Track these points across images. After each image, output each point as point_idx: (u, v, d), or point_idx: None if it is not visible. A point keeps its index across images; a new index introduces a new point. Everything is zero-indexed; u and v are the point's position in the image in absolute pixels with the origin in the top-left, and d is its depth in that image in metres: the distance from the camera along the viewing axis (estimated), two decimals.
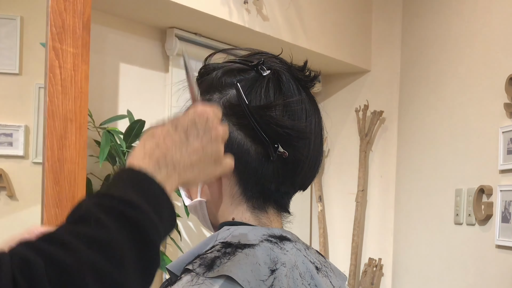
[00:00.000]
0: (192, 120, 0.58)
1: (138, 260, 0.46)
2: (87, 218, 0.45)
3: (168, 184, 0.54)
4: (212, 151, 0.59)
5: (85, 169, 1.54)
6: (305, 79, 0.73)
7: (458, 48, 2.26)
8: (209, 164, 0.59)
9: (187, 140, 0.57)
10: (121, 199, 0.47)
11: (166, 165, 0.54)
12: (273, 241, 0.69)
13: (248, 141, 0.69)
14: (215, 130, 0.59)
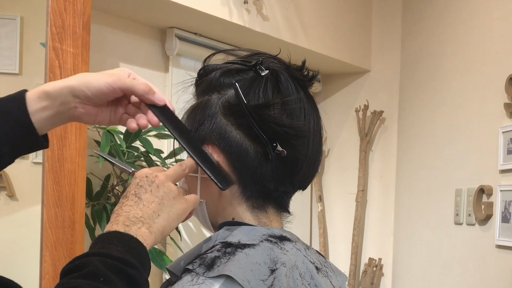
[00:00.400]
0: (135, 184, 0.66)
1: None
2: (98, 275, 0.55)
3: (145, 236, 0.62)
4: (164, 193, 0.65)
5: (85, 169, 1.54)
6: (303, 78, 0.73)
7: (458, 48, 2.26)
8: (171, 204, 0.66)
9: (140, 199, 0.65)
10: (122, 260, 0.57)
11: (133, 222, 0.63)
12: (273, 241, 0.69)
13: (246, 141, 0.69)
14: (157, 178, 0.66)
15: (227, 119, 0.70)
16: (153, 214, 0.64)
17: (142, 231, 0.62)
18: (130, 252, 0.59)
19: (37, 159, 1.61)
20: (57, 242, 1.48)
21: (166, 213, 0.65)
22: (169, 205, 0.65)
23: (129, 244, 0.60)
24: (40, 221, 1.49)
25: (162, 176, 0.66)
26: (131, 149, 1.82)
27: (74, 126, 1.50)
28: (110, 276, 0.55)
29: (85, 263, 0.56)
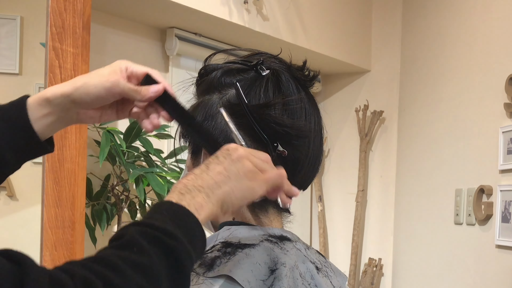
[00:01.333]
0: (214, 156, 0.62)
1: (172, 284, 0.51)
2: (131, 245, 0.50)
3: (198, 206, 0.57)
4: (237, 168, 0.60)
5: (85, 169, 1.54)
6: (304, 78, 0.73)
7: (458, 48, 2.26)
8: (239, 179, 0.60)
9: (207, 168, 0.60)
10: (161, 229, 0.52)
11: (189, 191, 0.57)
12: (273, 241, 0.69)
13: (247, 141, 0.69)
14: (235, 152, 0.61)
15: (228, 118, 0.70)
16: (214, 184, 0.59)
17: (197, 200, 0.57)
18: (175, 222, 0.53)
19: (37, 159, 1.61)
20: (57, 242, 1.48)
21: (229, 186, 0.59)
22: (236, 180, 0.60)
23: (177, 214, 0.54)
24: (40, 221, 1.49)
25: (243, 151, 0.62)
26: (131, 149, 1.82)
27: (74, 126, 1.50)
28: (144, 246, 0.50)
29: (123, 233, 0.52)
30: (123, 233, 0.52)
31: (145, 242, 0.50)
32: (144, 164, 1.87)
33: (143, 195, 1.68)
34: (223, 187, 0.59)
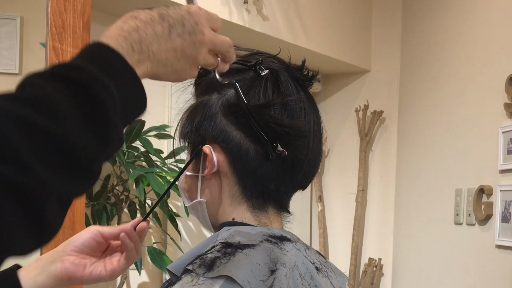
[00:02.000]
0: (181, 16, 0.55)
1: (84, 117, 0.41)
2: (22, 85, 0.42)
3: (138, 70, 0.50)
4: (190, 53, 0.56)
5: None
6: (303, 78, 0.73)
7: (458, 48, 2.26)
8: (183, 66, 0.57)
9: (169, 35, 0.53)
10: (67, 65, 0.43)
11: (140, 51, 0.50)
12: (273, 241, 0.69)
13: (247, 141, 0.69)
14: (201, 34, 0.56)
15: (228, 119, 0.69)
16: (164, 60, 0.54)
17: (143, 66, 0.51)
18: (90, 60, 0.45)
19: None
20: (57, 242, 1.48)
21: (173, 69, 0.56)
22: (182, 66, 0.57)
23: (96, 52, 0.46)
24: None
25: (207, 37, 0.58)
26: (131, 149, 1.82)
27: None
28: (37, 81, 0.41)
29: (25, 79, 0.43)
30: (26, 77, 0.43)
31: (39, 79, 0.42)
32: (144, 164, 1.87)
33: (143, 195, 1.68)
34: (166, 67, 0.55)
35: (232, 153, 0.69)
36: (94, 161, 0.43)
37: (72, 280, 0.73)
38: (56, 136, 0.40)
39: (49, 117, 0.40)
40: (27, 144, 0.38)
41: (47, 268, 0.72)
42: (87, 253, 0.74)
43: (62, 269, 0.72)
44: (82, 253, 0.73)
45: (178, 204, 2.13)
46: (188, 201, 0.76)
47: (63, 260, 0.72)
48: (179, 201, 2.08)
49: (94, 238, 0.74)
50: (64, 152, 0.40)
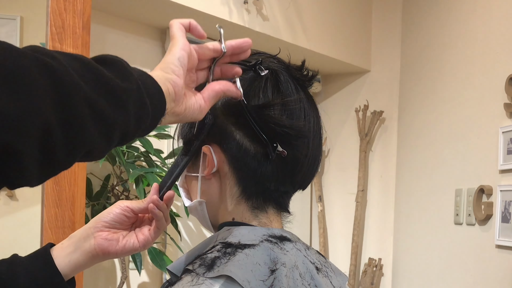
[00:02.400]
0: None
1: (136, 113, 0.52)
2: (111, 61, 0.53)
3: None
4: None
5: (85, 169, 1.54)
6: (303, 78, 0.73)
7: (458, 48, 2.26)
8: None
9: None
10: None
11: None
12: (273, 241, 0.69)
13: (247, 141, 0.69)
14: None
15: (227, 119, 0.70)
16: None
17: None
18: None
19: None
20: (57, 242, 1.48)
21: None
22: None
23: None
24: (40, 221, 1.49)
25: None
26: (131, 149, 1.82)
27: None
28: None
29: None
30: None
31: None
32: (144, 164, 1.87)
33: (143, 195, 1.68)
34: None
35: (232, 153, 0.69)
36: (123, 136, 0.52)
37: (106, 255, 0.73)
38: (116, 109, 0.50)
39: (115, 102, 0.50)
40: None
41: (80, 246, 0.73)
42: (118, 228, 0.74)
43: (96, 246, 0.72)
44: (113, 228, 0.73)
45: (178, 204, 2.13)
46: (188, 201, 0.76)
47: (95, 236, 0.73)
48: (179, 201, 2.08)
49: (124, 213, 0.73)
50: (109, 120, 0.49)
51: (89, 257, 0.73)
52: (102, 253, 0.73)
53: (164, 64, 0.61)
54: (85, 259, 0.73)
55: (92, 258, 0.73)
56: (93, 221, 0.74)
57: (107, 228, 0.73)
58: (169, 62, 0.61)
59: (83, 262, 0.73)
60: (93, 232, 0.73)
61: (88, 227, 0.74)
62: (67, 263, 0.72)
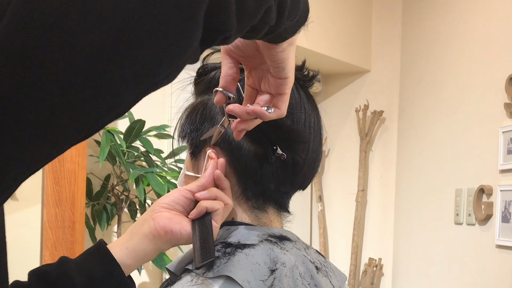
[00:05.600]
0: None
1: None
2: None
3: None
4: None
5: (85, 169, 1.54)
6: (303, 78, 0.73)
7: (458, 48, 2.26)
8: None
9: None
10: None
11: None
12: (273, 241, 0.69)
13: (247, 142, 0.69)
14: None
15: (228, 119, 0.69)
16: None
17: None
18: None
19: None
20: (57, 242, 1.48)
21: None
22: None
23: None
24: (40, 221, 1.49)
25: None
26: (131, 149, 1.82)
27: None
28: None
29: None
30: None
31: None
32: (144, 164, 1.87)
33: (143, 195, 1.68)
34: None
35: (233, 154, 0.69)
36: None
37: (169, 235, 0.65)
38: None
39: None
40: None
41: (137, 231, 0.67)
42: (178, 210, 0.68)
43: (156, 225, 0.65)
44: (173, 209, 0.67)
45: None
46: None
47: (154, 218, 0.66)
48: None
49: (183, 193, 0.68)
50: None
51: (150, 240, 0.66)
52: (164, 232, 0.65)
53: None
54: (145, 243, 0.66)
55: (154, 240, 0.66)
56: (150, 208, 0.68)
57: (166, 209, 0.67)
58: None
59: (142, 247, 0.66)
60: (151, 215, 0.67)
61: (145, 214, 0.68)
62: (125, 252, 0.66)
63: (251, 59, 0.60)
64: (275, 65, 0.57)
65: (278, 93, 0.60)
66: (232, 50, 0.59)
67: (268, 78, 0.60)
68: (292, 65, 0.58)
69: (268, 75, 0.60)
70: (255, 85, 0.62)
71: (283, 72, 0.58)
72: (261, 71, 0.61)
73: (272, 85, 0.59)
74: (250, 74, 0.62)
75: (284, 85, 0.59)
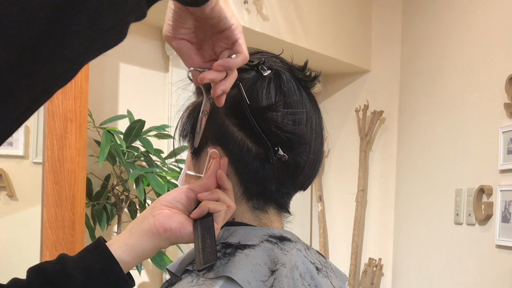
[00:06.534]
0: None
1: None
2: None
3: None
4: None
5: (85, 169, 1.54)
6: (305, 79, 0.73)
7: (458, 48, 2.26)
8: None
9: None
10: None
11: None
12: (273, 241, 0.69)
13: (249, 142, 0.68)
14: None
15: (229, 119, 0.69)
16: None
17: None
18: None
19: (37, 159, 1.61)
20: (57, 242, 1.48)
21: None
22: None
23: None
24: (40, 221, 1.49)
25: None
26: (131, 149, 1.82)
27: (74, 126, 1.50)
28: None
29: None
30: None
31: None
32: (144, 164, 1.87)
33: (143, 195, 1.68)
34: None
35: (234, 154, 0.69)
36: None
37: (168, 233, 0.65)
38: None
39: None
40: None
41: (137, 228, 0.66)
42: (179, 208, 0.67)
43: (155, 223, 0.65)
44: (174, 207, 0.67)
45: None
46: None
47: (154, 215, 0.66)
48: None
49: (185, 193, 0.67)
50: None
51: (149, 237, 0.65)
52: (163, 229, 0.65)
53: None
54: (144, 240, 0.65)
55: (152, 237, 0.65)
56: (150, 206, 0.68)
57: (167, 207, 0.67)
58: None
59: (142, 243, 0.65)
60: (151, 212, 0.66)
61: (145, 211, 0.68)
62: (123, 249, 0.65)
63: (197, 32, 0.63)
64: (216, 20, 0.61)
65: (232, 42, 0.63)
66: (179, 34, 0.63)
67: (218, 39, 0.64)
68: (230, 13, 0.62)
69: (216, 37, 0.63)
70: (212, 56, 0.65)
71: (226, 21, 0.61)
72: (210, 40, 0.64)
73: (224, 40, 0.63)
74: (203, 48, 0.65)
75: (234, 32, 0.62)
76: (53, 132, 1.46)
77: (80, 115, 1.51)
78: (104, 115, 1.90)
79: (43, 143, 1.49)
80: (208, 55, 0.65)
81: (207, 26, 0.62)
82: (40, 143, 1.57)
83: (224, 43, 0.64)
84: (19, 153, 1.61)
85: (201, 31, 0.63)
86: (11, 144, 1.60)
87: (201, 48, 0.65)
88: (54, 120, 1.46)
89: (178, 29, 0.62)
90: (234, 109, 0.68)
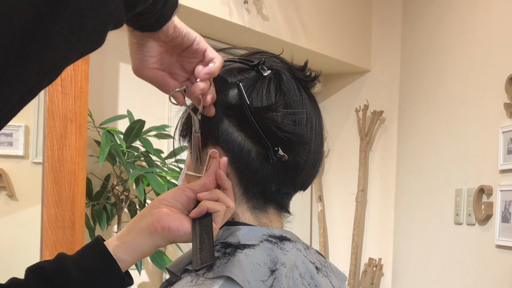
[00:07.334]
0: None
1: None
2: None
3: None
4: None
5: (85, 169, 1.54)
6: (305, 79, 0.73)
7: (458, 48, 2.26)
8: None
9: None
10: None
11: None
12: (273, 241, 0.69)
13: (248, 142, 0.68)
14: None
15: (229, 120, 0.69)
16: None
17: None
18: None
19: (37, 159, 1.61)
20: (57, 242, 1.48)
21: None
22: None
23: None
24: (40, 221, 1.49)
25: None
26: (131, 149, 1.82)
27: (74, 126, 1.50)
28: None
29: None
30: None
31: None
32: (144, 164, 1.87)
33: (143, 195, 1.68)
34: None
35: (234, 154, 0.69)
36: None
37: (166, 232, 0.65)
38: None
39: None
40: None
41: (135, 226, 0.66)
42: (178, 208, 0.67)
43: (153, 221, 0.65)
44: (173, 206, 0.67)
45: None
46: None
47: (152, 213, 0.66)
48: None
49: (184, 192, 0.67)
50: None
51: (147, 235, 0.65)
52: (161, 228, 0.64)
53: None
54: (142, 238, 0.65)
55: (151, 236, 0.65)
56: (149, 205, 0.68)
57: (166, 206, 0.67)
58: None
59: (140, 242, 0.65)
60: (150, 211, 0.66)
61: (144, 210, 0.68)
62: (121, 247, 0.65)
63: (163, 59, 0.66)
64: (181, 37, 0.64)
65: (202, 53, 0.66)
66: (149, 64, 0.65)
67: (186, 57, 0.67)
68: (186, 27, 0.66)
69: (183, 56, 0.67)
70: (185, 76, 0.69)
71: (190, 36, 0.65)
72: (176, 62, 0.67)
73: (193, 55, 0.67)
74: (173, 72, 0.68)
75: (199, 44, 0.66)
76: (53, 132, 1.46)
77: (80, 115, 1.51)
78: (104, 115, 1.90)
79: (43, 143, 1.49)
80: (181, 76, 0.68)
81: (172, 48, 0.65)
82: (40, 143, 1.57)
83: (193, 57, 0.67)
84: (19, 153, 1.61)
85: (166, 57, 0.66)
86: (11, 144, 1.60)
87: (171, 72, 0.68)
88: (54, 120, 1.46)
89: (146, 59, 0.64)
90: (234, 109, 0.68)
